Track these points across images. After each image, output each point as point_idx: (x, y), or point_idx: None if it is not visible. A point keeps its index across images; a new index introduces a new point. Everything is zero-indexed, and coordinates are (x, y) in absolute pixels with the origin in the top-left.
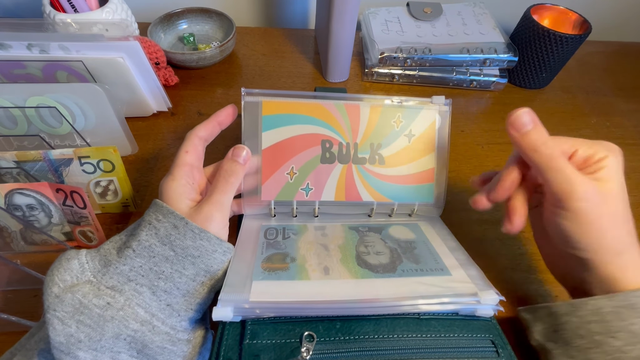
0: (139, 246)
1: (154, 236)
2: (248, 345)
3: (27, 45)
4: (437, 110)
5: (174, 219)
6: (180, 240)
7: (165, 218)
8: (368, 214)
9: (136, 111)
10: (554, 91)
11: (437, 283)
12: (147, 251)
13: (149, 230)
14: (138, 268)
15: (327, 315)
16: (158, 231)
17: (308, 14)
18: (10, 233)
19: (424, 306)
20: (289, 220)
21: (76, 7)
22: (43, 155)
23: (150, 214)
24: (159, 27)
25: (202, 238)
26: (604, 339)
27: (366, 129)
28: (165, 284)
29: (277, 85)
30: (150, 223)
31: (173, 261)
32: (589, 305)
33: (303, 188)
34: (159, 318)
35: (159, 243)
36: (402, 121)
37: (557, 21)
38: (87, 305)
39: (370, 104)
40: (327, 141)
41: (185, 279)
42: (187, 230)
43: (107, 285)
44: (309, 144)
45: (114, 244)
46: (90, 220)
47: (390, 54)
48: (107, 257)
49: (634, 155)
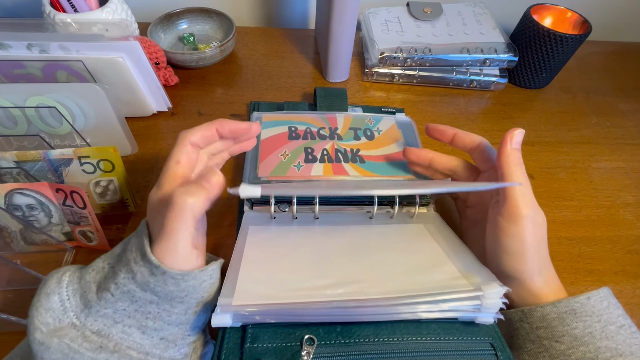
0: (117, 290)
1: (132, 281)
2: (249, 349)
3: (27, 45)
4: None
5: (150, 266)
6: (160, 287)
7: (142, 261)
8: (369, 217)
9: (136, 111)
10: (554, 91)
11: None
12: (127, 296)
13: (127, 273)
14: (122, 311)
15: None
16: (135, 276)
17: (308, 14)
18: (10, 233)
19: (423, 314)
20: (289, 223)
21: (76, 7)
22: (43, 155)
23: (132, 249)
24: (159, 27)
25: (186, 280)
26: (550, 343)
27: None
28: (155, 323)
29: (277, 85)
30: (127, 264)
31: (158, 303)
32: (537, 312)
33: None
34: (155, 354)
35: (138, 289)
36: (373, 121)
37: (557, 21)
38: (78, 350)
39: (344, 115)
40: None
41: (175, 316)
42: (167, 278)
43: (92, 330)
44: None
45: (95, 274)
46: (90, 220)
47: (390, 54)
48: (88, 296)
49: (634, 155)
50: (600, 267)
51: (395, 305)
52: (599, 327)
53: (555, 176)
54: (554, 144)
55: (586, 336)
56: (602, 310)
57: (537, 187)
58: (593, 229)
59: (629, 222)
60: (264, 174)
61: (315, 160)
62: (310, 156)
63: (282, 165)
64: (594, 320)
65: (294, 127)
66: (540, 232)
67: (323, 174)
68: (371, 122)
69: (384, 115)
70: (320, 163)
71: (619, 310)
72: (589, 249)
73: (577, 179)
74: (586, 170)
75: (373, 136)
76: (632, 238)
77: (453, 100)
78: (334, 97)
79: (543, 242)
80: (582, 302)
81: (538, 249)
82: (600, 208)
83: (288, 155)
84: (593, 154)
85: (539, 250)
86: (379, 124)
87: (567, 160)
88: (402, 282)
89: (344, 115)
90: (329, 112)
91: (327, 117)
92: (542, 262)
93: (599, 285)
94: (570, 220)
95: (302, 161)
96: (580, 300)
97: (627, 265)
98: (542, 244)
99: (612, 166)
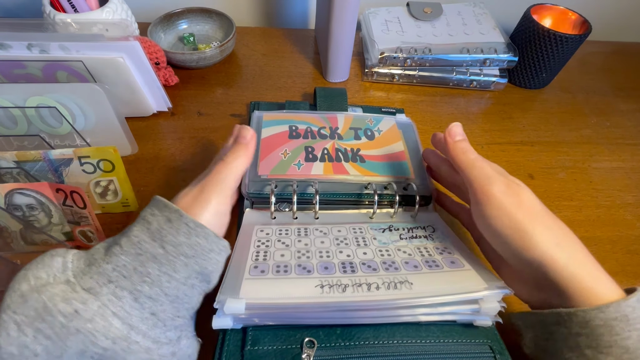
0: (127, 242)
1: (145, 231)
2: (249, 351)
3: (27, 45)
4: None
5: (169, 212)
6: (172, 236)
7: (160, 212)
8: (369, 216)
9: (136, 111)
10: (554, 91)
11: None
12: (134, 248)
13: (141, 225)
14: (121, 267)
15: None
16: (150, 225)
17: (308, 14)
18: (10, 233)
19: (422, 317)
20: (290, 224)
21: (76, 7)
22: (43, 155)
23: (147, 209)
24: (159, 27)
25: (197, 234)
26: (594, 354)
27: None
28: (151, 288)
29: (277, 85)
30: (144, 218)
31: (162, 261)
32: (578, 317)
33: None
34: (140, 330)
35: (148, 239)
36: (373, 121)
37: (557, 21)
38: (51, 310)
39: (345, 114)
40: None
41: (175, 282)
42: (181, 224)
43: (84, 286)
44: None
45: (105, 243)
46: (90, 220)
47: (390, 54)
48: (94, 256)
49: (634, 155)
50: None
51: (395, 308)
52: None
53: (555, 176)
54: (554, 144)
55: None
56: None
57: (537, 187)
58: (593, 229)
59: (629, 222)
60: (264, 172)
61: (315, 159)
62: (310, 155)
63: (282, 164)
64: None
65: (295, 127)
66: (527, 201)
67: (323, 172)
68: (371, 122)
69: (384, 116)
70: (321, 162)
71: None
72: (589, 249)
73: (577, 179)
74: (586, 170)
75: (373, 136)
76: (632, 238)
77: (453, 100)
78: (334, 97)
79: (540, 211)
80: (634, 306)
81: (537, 217)
82: (600, 208)
83: (288, 154)
84: (593, 154)
85: (539, 219)
86: (380, 124)
87: (567, 160)
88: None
89: (344, 115)
90: (330, 112)
91: (328, 117)
92: (554, 233)
93: None
94: (570, 220)
95: (302, 160)
96: (632, 303)
97: (627, 265)
98: (540, 213)
99: (612, 166)
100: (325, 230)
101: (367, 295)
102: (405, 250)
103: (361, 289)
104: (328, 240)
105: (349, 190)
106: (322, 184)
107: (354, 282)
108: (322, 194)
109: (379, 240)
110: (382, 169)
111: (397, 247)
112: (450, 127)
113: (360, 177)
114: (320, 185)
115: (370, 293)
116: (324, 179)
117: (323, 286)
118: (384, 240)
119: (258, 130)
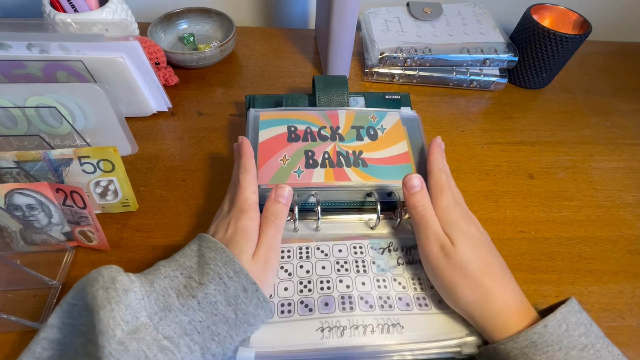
0: (205, 299)
1: (222, 293)
2: None
3: (27, 45)
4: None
5: (245, 281)
6: (245, 305)
7: (236, 277)
8: (371, 227)
9: (136, 111)
10: (554, 91)
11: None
12: (210, 307)
13: (218, 285)
14: (197, 323)
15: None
16: (227, 289)
17: (308, 14)
18: (10, 233)
19: (410, 357)
20: (290, 240)
21: (76, 7)
22: (43, 155)
23: (219, 264)
24: (159, 27)
25: (263, 308)
26: None
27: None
28: (217, 347)
29: (277, 85)
30: (220, 277)
31: (231, 325)
32: (501, 350)
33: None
34: None
35: (224, 302)
36: (376, 117)
37: (557, 21)
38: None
39: (346, 111)
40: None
41: (233, 345)
42: (254, 297)
43: (165, 334)
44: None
45: (170, 281)
46: (90, 220)
47: (390, 54)
48: (167, 300)
49: (634, 155)
50: (600, 267)
51: (387, 353)
52: (561, 355)
53: (555, 176)
54: (554, 144)
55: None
56: (562, 335)
57: (537, 187)
58: (593, 229)
59: (629, 222)
60: (263, 181)
61: (316, 164)
62: (311, 160)
63: (282, 172)
64: (555, 349)
65: (294, 127)
66: (456, 263)
67: (324, 179)
68: (374, 119)
69: (388, 111)
70: (322, 168)
71: (581, 329)
72: (589, 249)
73: (577, 179)
74: (586, 170)
75: (376, 136)
76: (632, 238)
77: (453, 100)
78: (333, 86)
79: (466, 271)
80: (540, 332)
81: (461, 279)
82: (600, 208)
83: (288, 160)
84: (593, 154)
85: (462, 280)
86: (383, 121)
87: (567, 160)
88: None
89: (345, 112)
90: (330, 108)
91: (328, 114)
92: (473, 292)
93: (599, 285)
94: (570, 220)
95: (302, 166)
96: (538, 330)
97: (627, 265)
98: (465, 273)
99: (612, 166)
100: (326, 251)
101: (362, 340)
102: (400, 282)
103: (357, 331)
104: (329, 263)
105: (351, 199)
106: (324, 192)
107: (351, 324)
108: (324, 202)
109: (377, 266)
110: (385, 174)
111: (394, 277)
112: (408, 177)
113: (362, 184)
114: (322, 194)
115: (365, 337)
116: (325, 187)
117: (323, 329)
118: (382, 267)
119: (255, 132)
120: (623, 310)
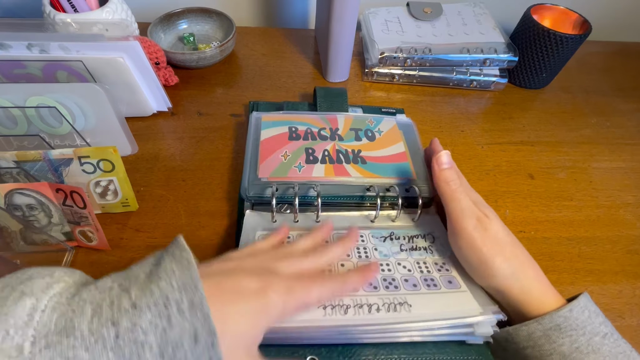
0: (128, 334)
1: (159, 332)
2: None
3: (27, 45)
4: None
5: (201, 325)
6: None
7: (190, 312)
8: (371, 220)
9: (136, 111)
10: (554, 91)
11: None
12: (130, 348)
13: (158, 318)
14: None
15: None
16: (170, 329)
17: (308, 14)
18: (10, 233)
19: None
20: (291, 229)
21: (76, 7)
22: (43, 155)
23: (173, 285)
24: (159, 27)
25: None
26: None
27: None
28: None
29: (277, 85)
30: (167, 306)
31: None
32: (522, 331)
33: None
34: None
35: (156, 349)
36: (374, 121)
37: (557, 21)
38: None
39: (345, 115)
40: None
41: None
42: (205, 355)
43: None
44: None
45: (99, 293)
46: (90, 220)
47: (390, 54)
48: (74, 319)
49: (634, 155)
50: (600, 267)
51: (394, 331)
52: (584, 340)
53: (555, 176)
54: (554, 144)
55: (574, 352)
56: (585, 321)
57: (537, 187)
58: (593, 229)
59: (629, 222)
60: (264, 175)
61: (316, 160)
62: (311, 157)
63: (282, 166)
64: (579, 334)
65: (295, 128)
66: (493, 235)
67: (324, 174)
68: (372, 123)
69: (385, 116)
70: (322, 164)
71: (600, 318)
72: (589, 249)
73: (577, 179)
74: (586, 170)
75: (374, 137)
76: (632, 238)
77: (453, 100)
78: (334, 97)
79: (503, 244)
80: (566, 316)
81: (499, 250)
82: (600, 208)
83: (289, 156)
84: (593, 154)
85: (500, 252)
86: (380, 125)
87: (567, 160)
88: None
89: (344, 116)
90: (330, 112)
91: (328, 118)
92: (511, 264)
93: (599, 285)
94: (570, 220)
95: (302, 162)
96: (563, 313)
97: (627, 265)
98: (502, 246)
99: (612, 166)
100: (328, 239)
101: (367, 318)
102: (405, 265)
103: (362, 310)
104: None
105: (350, 193)
106: (324, 187)
107: (355, 303)
108: (324, 196)
109: (379, 252)
110: (383, 171)
111: (398, 261)
112: (439, 154)
113: (362, 179)
114: (322, 188)
115: (371, 315)
116: (325, 181)
117: (326, 307)
118: (385, 252)
119: (257, 132)
120: (623, 310)
